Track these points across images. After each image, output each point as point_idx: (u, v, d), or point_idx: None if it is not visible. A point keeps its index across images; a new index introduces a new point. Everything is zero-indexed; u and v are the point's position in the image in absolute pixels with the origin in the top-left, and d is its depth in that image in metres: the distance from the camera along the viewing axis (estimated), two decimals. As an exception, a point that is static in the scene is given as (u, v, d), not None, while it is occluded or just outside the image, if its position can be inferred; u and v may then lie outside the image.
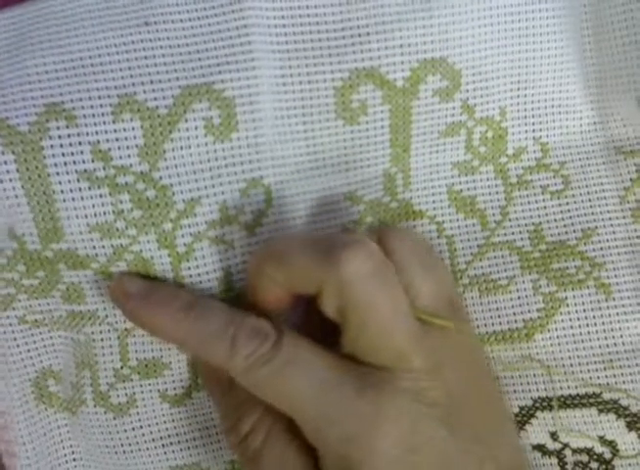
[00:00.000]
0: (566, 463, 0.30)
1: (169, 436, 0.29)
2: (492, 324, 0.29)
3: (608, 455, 0.30)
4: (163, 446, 0.29)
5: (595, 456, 0.30)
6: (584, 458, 0.30)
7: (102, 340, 0.28)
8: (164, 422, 0.29)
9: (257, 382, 0.24)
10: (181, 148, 0.26)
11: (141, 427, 0.29)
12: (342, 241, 0.24)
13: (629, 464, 0.30)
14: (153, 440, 0.29)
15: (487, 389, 0.28)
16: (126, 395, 0.28)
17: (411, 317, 0.25)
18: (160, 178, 0.26)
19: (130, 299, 0.26)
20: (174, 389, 0.29)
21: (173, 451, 0.29)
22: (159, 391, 0.29)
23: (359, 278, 0.23)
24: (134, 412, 0.29)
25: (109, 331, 0.28)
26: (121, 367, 0.28)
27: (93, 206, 0.26)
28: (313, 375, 0.24)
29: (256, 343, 0.24)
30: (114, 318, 0.27)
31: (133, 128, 0.25)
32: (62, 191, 0.25)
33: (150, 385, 0.28)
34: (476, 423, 0.25)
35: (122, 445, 0.29)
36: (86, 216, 0.26)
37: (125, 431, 0.29)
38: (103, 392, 0.28)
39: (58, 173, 0.25)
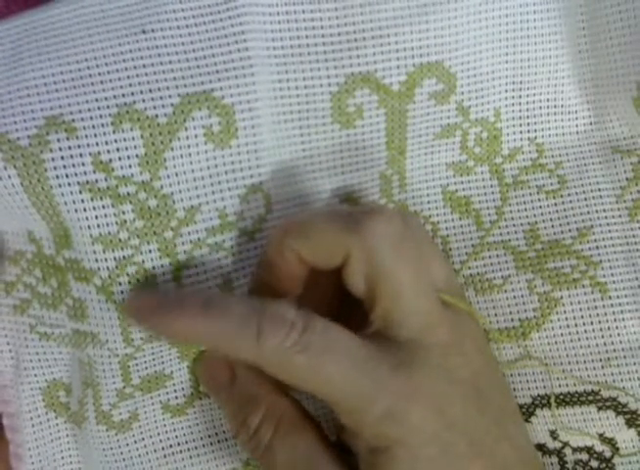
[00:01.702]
0: (566, 462, 0.31)
1: (171, 446, 0.29)
2: (489, 323, 0.30)
3: (608, 454, 0.30)
4: (165, 456, 0.29)
5: (595, 455, 0.30)
6: (584, 457, 0.30)
7: (102, 364, 0.27)
8: (166, 432, 0.29)
9: (292, 371, 0.23)
10: (181, 156, 0.25)
11: (142, 439, 0.29)
12: (366, 208, 0.25)
13: (629, 462, 0.30)
14: (155, 450, 0.29)
15: (500, 374, 0.28)
16: (129, 411, 0.28)
17: (433, 287, 0.25)
18: (162, 187, 0.26)
19: (144, 312, 0.25)
20: (176, 398, 0.29)
21: (175, 461, 0.29)
22: (160, 402, 0.29)
23: (386, 241, 0.24)
24: (136, 426, 0.28)
25: (109, 356, 0.27)
26: (124, 387, 0.28)
27: (96, 217, 0.25)
28: (349, 356, 0.23)
29: (284, 332, 0.23)
30: (114, 345, 0.27)
31: (133, 138, 0.25)
32: (65, 203, 0.25)
33: (152, 398, 0.28)
34: (495, 405, 0.26)
35: (124, 459, 0.28)
36: (89, 228, 0.25)
37: (127, 445, 0.28)
38: (105, 411, 0.28)
39: (60, 185, 0.25)
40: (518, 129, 0.30)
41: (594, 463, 0.30)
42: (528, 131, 0.30)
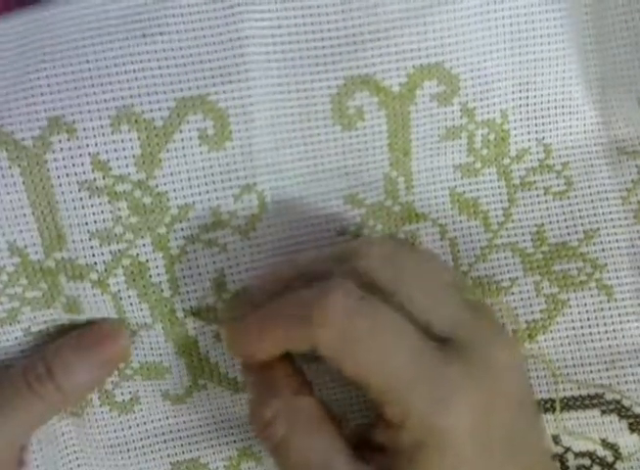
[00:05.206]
0: (568, 467, 0.30)
1: (171, 431, 0.30)
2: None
3: (610, 459, 0.30)
4: (165, 441, 0.30)
5: (597, 460, 0.30)
6: (586, 462, 0.30)
7: None
8: (167, 418, 0.30)
9: (352, 340, 0.23)
10: (176, 157, 0.27)
11: (144, 423, 0.30)
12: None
13: (631, 467, 0.30)
14: (155, 435, 0.30)
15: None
16: (130, 393, 0.29)
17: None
18: (157, 186, 0.27)
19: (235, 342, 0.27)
20: (175, 389, 0.30)
21: (174, 447, 0.30)
22: (160, 391, 0.30)
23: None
24: (138, 409, 0.30)
25: None
26: (124, 367, 0.29)
27: (93, 213, 0.27)
28: (405, 341, 0.24)
29: (343, 292, 0.24)
30: None
31: (131, 139, 0.26)
32: (64, 201, 0.26)
33: (152, 385, 0.29)
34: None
35: (127, 442, 0.30)
36: (87, 224, 0.27)
37: (130, 428, 0.30)
38: (108, 390, 0.29)
39: (60, 185, 0.26)
40: (525, 130, 0.30)
41: (596, 468, 0.30)
42: (536, 132, 0.30)
